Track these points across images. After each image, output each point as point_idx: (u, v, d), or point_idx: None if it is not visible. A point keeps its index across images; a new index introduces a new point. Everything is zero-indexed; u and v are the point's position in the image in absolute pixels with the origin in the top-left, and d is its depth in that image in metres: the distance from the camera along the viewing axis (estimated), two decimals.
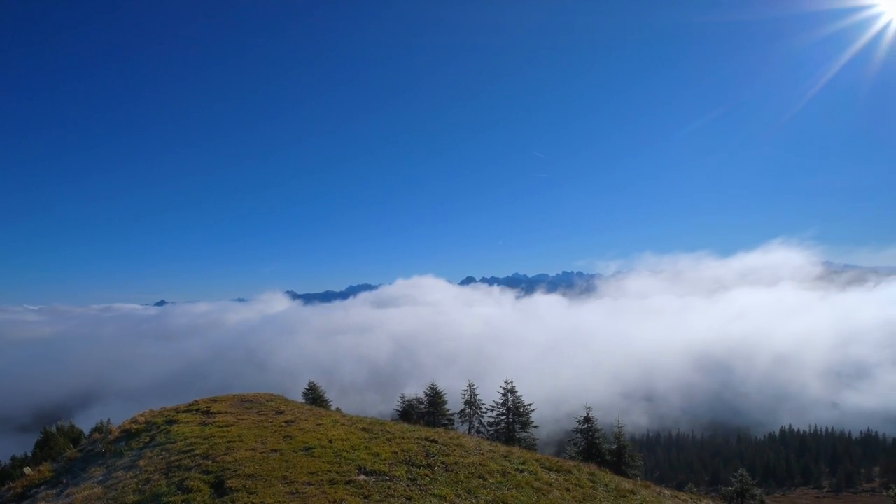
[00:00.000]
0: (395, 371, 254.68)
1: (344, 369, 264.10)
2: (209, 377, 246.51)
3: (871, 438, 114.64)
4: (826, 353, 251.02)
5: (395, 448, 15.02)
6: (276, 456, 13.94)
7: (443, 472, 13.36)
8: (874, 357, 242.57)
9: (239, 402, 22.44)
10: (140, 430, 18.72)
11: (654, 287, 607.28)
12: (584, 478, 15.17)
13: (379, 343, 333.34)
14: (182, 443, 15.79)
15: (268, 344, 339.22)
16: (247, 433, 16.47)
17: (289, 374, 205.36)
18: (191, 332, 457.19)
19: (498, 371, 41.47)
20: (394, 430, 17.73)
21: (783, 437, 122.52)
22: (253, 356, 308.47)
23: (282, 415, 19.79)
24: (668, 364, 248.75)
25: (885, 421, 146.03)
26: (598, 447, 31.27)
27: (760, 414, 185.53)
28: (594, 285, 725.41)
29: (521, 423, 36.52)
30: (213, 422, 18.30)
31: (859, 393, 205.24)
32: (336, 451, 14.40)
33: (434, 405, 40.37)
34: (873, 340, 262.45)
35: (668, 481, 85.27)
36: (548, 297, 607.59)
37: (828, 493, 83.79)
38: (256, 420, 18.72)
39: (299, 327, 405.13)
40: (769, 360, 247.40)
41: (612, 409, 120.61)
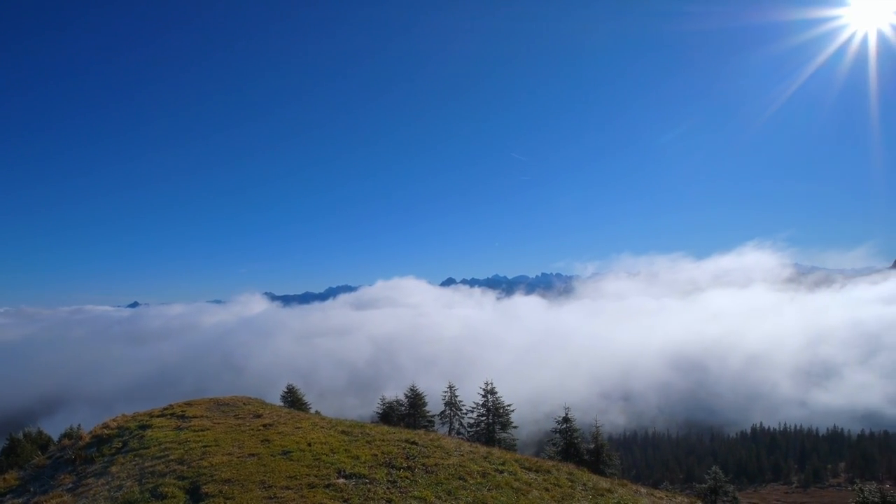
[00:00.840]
0: (375, 374, 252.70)
1: (323, 372, 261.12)
2: (182, 382, 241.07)
3: (837, 435, 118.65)
4: (796, 353, 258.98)
5: (375, 450, 14.97)
6: (253, 460, 13.75)
7: (423, 473, 13.36)
8: (841, 356, 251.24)
9: (215, 405, 22.04)
10: (112, 436, 18.23)
11: (630, 288, 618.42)
12: (562, 477, 15.34)
13: (359, 345, 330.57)
14: (156, 448, 15.45)
15: (244, 347, 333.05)
16: (223, 437, 16.20)
17: (266, 378, 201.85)
18: (165, 334, 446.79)
19: (478, 372, 41.63)
20: (374, 433, 17.66)
21: (754, 434, 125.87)
22: (229, 360, 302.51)
23: (259, 418, 19.52)
24: (645, 364, 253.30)
25: (851, 418, 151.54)
26: (576, 447, 31.60)
27: (733, 413, 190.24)
28: (572, 286, 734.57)
29: (501, 424, 36.68)
30: (188, 426, 17.95)
31: (827, 392, 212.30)
32: (315, 454, 14.28)
33: (414, 407, 40.25)
34: (840, 340, 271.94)
35: (645, 479, 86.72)
36: (527, 299, 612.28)
37: (796, 488, 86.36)
38: (233, 424, 18.42)
39: (277, 330, 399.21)
40: (742, 360, 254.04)
41: (590, 409, 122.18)
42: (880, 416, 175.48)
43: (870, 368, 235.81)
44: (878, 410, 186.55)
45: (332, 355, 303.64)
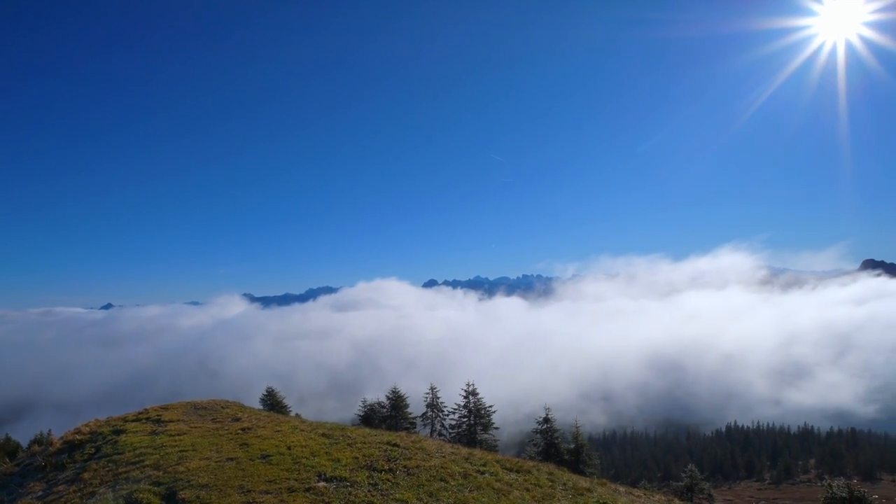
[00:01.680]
0: (357, 377, 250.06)
1: (302, 376, 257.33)
2: (156, 386, 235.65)
3: (807, 433, 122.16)
4: (770, 353, 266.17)
5: (357, 453, 14.88)
6: (231, 465, 13.54)
7: (404, 475, 13.33)
8: (813, 357, 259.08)
9: (192, 409, 21.63)
10: (84, 441, 17.74)
11: (610, 290, 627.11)
12: (543, 477, 15.47)
13: (339, 348, 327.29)
14: (131, 453, 15.09)
15: (221, 350, 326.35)
16: (201, 442, 15.91)
17: (244, 382, 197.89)
18: (139, 337, 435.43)
19: (460, 374, 41.69)
20: (355, 435, 17.55)
21: (729, 433, 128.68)
22: (205, 363, 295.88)
23: (238, 422, 19.22)
24: (624, 365, 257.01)
25: (822, 417, 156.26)
26: (556, 447, 31.89)
27: (710, 412, 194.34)
28: (553, 288, 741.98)
29: (483, 425, 36.79)
30: (164, 430, 17.57)
31: (800, 391, 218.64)
32: (295, 457, 14.12)
33: (396, 409, 40.10)
34: (812, 340, 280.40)
35: (624, 478, 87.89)
36: (509, 300, 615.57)
37: (769, 485, 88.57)
38: (211, 428, 18.10)
39: (255, 332, 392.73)
40: (718, 361, 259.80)
41: (571, 410, 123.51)
42: (850, 414, 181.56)
43: (840, 368, 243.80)
44: (848, 409, 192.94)
45: (312, 358, 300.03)
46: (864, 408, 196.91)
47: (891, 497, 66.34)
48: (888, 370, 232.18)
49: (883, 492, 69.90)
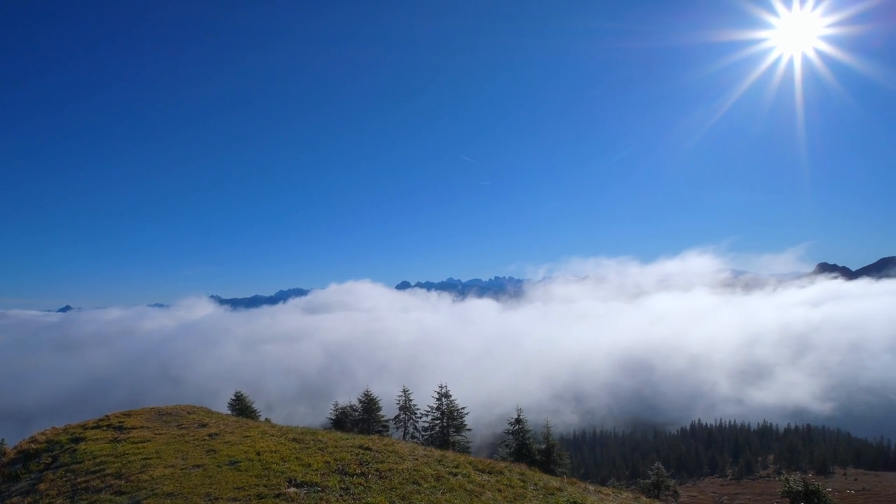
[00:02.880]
0: (328, 382, 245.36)
1: (271, 381, 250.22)
2: (114, 393, 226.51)
3: (766, 430, 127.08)
4: (733, 354, 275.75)
5: (328, 457, 14.71)
6: (198, 472, 13.19)
7: (377, 479, 13.26)
8: (773, 356, 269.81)
9: (157, 415, 20.95)
10: (40, 451, 16.95)
11: (580, 292, 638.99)
12: (514, 478, 15.63)
13: (310, 352, 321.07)
14: (90, 462, 14.51)
15: (186, 355, 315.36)
16: (165, 449, 15.44)
17: (209, 388, 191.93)
18: (98, 341, 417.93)
19: (433, 376, 41.74)
20: (326, 439, 17.34)
21: (693, 431, 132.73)
22: (168, 369, 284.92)
23: (205, 427, 18.73)
24: (595, 366, 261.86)
25: (782, 415, 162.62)
26: (528, 447, 32.26)
27: (676, 411, 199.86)
28: (524, 290, 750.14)
29: (456, 427, 36.88)
30: (126, 438, 16.96)
31: (761, 390, 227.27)
32: (264, 463, 13.86)
33: (368, 412, 39.80)
34: (772, 341, 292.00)
35: (593, 477, 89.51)
36: (481, 302, 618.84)
37: (731, 480, 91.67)
38: (177, 434, 17.57)
39: (222, 336, 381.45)
40: (685, 361, 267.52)
41: (542, 410, 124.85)
42: (808, 411, 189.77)
43: (798, 368, 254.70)
44: (806, 407, 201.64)
45: (281, 362, 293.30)
46: (820, 405, 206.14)
47: (843, 489, 69.62)
48: (843, 370, 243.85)
49: (836, 484, 73.25)
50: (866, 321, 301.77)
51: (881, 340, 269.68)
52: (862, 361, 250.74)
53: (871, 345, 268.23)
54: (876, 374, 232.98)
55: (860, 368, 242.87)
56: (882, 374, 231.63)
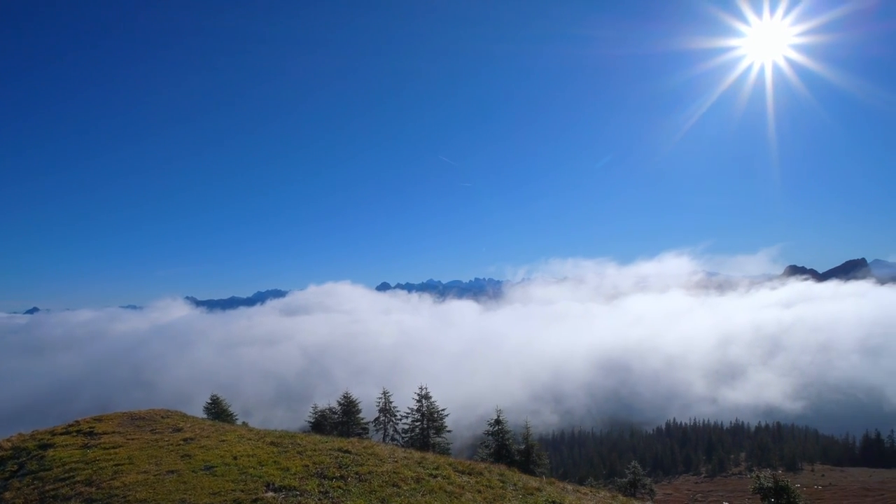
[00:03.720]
0: (306, 385, 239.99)
1: (248, 385, 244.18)
2: (82, 398, 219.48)
3: (738, 428, 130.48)
4: (707, 354, 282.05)
5: (307, 461, 14.57)
6: (172, 477, 12.91)
7: (356, 482, 13.20)
8: (746, 357, 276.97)
9: (129, 420, 20.41)
10: (6, 458, 16.33)
11: (559, 293, 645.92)
12: (494, 478, 15.73)
13: (288, 355, 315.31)
14: (59, 469, 14.05)
15: (158, 359, 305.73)
16: (138, 454, 15.06)
17: (182, 393, 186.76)
18: (66, 344, 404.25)
19: (414, 378, 41.69)
20: (305, 443, 17.17)
21: (668, 430, 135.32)
22: (139, 373, 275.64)
23: (180, 432, 18.33)
24: (574, 366, 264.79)
25: (754, 413, 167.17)
26: (507, 448, 32.46)
27: (653, 410, 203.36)
28: (504, 291, 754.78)
29: (436, 429, 36.90)
30: (97, 444, 16.47)
31: (734, 390, 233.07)
32: (241, 468, 13.65)
33: (348, 414, 39.53)
34: (746, 342, 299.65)
35: (572, 476, 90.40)
36: (462, 304, 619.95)
37: (705, 478, 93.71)
38: (150, 439, 17.16)
39: (197, 339, 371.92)
40: (661, 361, 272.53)
41: (522, 411, 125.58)
42: (779, 410, 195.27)
43: (770, 368, 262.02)
44: (777, 406, 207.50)
45: (258, 366, 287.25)
46: (792, 404, 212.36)
47: (811, 485, 71.78)
48: (813, 369, 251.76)
49: (804, 480, 75.51)
50: (835, 322, 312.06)
51: (849, 341, 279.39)
52: (831, 361, 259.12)
53: (839, 345, 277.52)
54: (844, 374, 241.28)
55: (829, 368, 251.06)
56: (849, 374, 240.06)
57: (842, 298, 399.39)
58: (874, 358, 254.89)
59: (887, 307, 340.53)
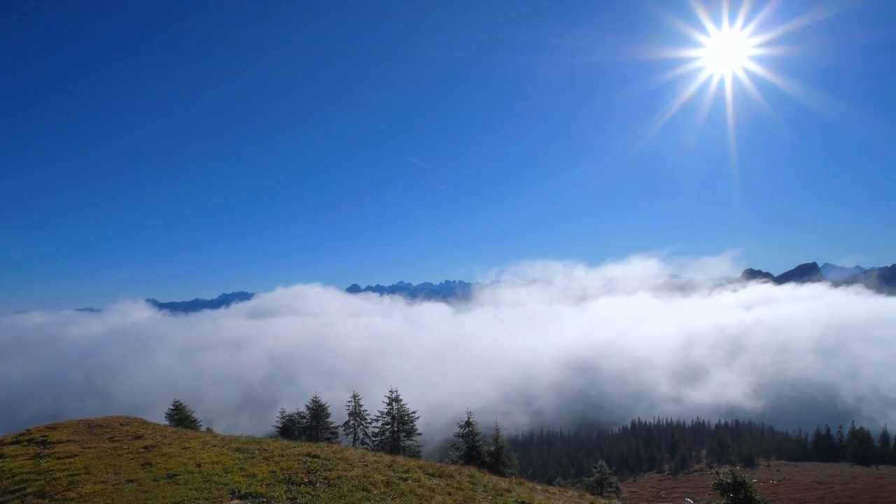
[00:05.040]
0: (273, 391, 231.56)
1: (211, 393, 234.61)
2: (29, 407, 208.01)
3: (700, 426, 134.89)
4: (672, 355, 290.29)
5: (274, 467, 14.31)
6: (132, 487, 12.45)
7: (325, 487, 13.04)
8: (709, 358, 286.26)
9: (86, 428, 19.56)
10: None
11: (528, 295, 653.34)
12: (464, 480, 15.82)
13: (254, 360, 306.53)
14: (9, 481, 13.34)
15: (115, 365, 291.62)
16: (95, 463, 14.45)
17: (140, 401, 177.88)
18: (16, 349, 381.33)
19: (384, 382, 41.36)
20: (272, 448, 16.84)
21: (634, 429, 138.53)
22: (94, 381, 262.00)
23: (140, 440, 17.69)
24: (544, 368, 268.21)
25: (716, 412, 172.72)
26: (478, 450, 32.63)
27: (620, 410, 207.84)
28: (474, 293, 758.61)
29: (406, 432, 36.76)
30: (51, 453, 15.72)
31: (697, 390, 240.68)
32: (205, 475, 13.29)
33: (317, 419, 38.93)
34: (708, 343, 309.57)
35: (541, 477, 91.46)
36: (433, 306, 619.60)
37: (668, 475, 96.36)
38: (108, 447, 16.49)
39: (157, 344, 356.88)
40: (628, 362, 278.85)
41: (493, 413, 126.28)
42: (740, 409, 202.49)
43: (731, 368, 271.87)
44: (738, 405, 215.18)
45: (222, 372, 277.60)
46: (752, 403, 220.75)
47: (766, 479, 74.82)
48: (772, 369, 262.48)
49: (760, 475, 78.63)
50: (792, 324, 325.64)
51: (805, 342, 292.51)
52: (788, 361, 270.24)
53: (796, 346, 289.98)
54: (800, 373, 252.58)
55: (787, 368, 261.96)
56: (806, 373, 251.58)
57: (798, 301, 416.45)
58: (828, 358, 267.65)
59: (840, 309, 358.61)
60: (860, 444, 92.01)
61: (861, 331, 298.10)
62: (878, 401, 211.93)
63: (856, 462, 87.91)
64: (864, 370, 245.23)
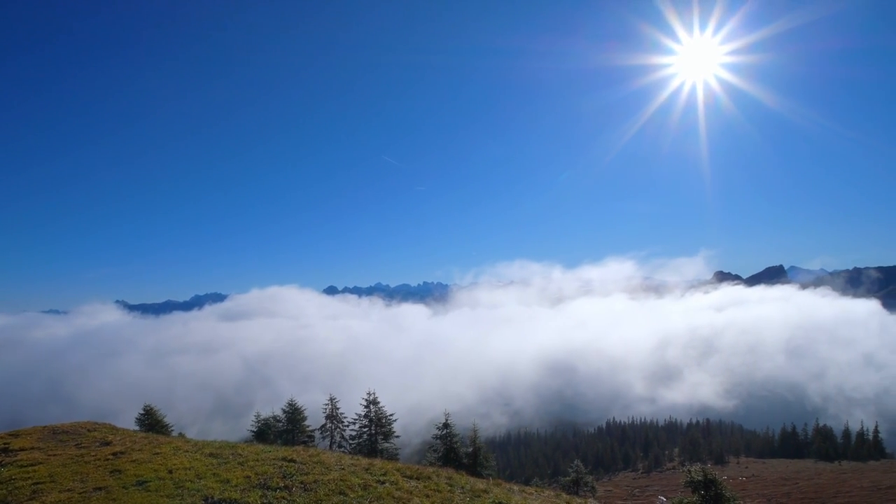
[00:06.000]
0: (247, 397, 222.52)
1: (182, 399, 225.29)
2: None
3: (672, 425, 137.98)
4: (647, 356, 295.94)
5: (248, 472, 14.08)
6: (99, 495, 12.10)
7: (301, 492, 12.90)
8: (682, 358, 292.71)
9: (51, 434, 18.89)
10: None
11: (505, 297, 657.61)
12: (442, 482, 15.84)
13: (228, 364, 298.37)
14: None
15: (81, 371, 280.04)
16: (61, 471, 13.97)
17: (107, 409, 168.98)
18: None
19: (362, 385, 41.02)
20: (246, 453, 16.57)
21: (609, 428, 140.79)
22: (58, 387, 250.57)
23: (109, 446, 17.18)
24: (521, 368, 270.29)
25: (689, 412, 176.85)
26: (456, 451, 32.67)
27: (596, 411, 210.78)
28: (452, 295, 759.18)
29: (384, 434, 36.57)
30: (13, 461, 15.13)
31: (671, 390, 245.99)
32: (177, 481, 12.99)
33: (293, 422, 38.41)
34: (682, 344, 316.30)
35: (518, 477, 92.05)
36: (411, 308, 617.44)
37: (642, 474, 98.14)
38: (75, 454, 15.95)
39: (126, 347, 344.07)
40: (604, 364, 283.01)
41: (472, 414, 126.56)
42: (712, 408, 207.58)
43: (704, 369, 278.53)
44: (710, 404, 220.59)
45: (194, 377, 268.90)
46: (724, 402, 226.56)
47: (736, 476, 76.94)
48: (743, 369, 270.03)
49: (730, 472, 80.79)
50: (762, 325, 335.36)
51: (774, 343, 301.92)
52: (758, 362, 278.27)
53: (766, 346, 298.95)
54: (770, 373, 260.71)
55: (757, 368, 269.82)
56: (775, 373, 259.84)
57: (768, 302, 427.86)
58: (797, 359, 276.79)
59: (808, 311, 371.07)
60: (824, 440, 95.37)
61: (827, 332, 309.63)
62: (844, 400, 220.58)
63: (820, 458, 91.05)
64: (830, 370, 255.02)
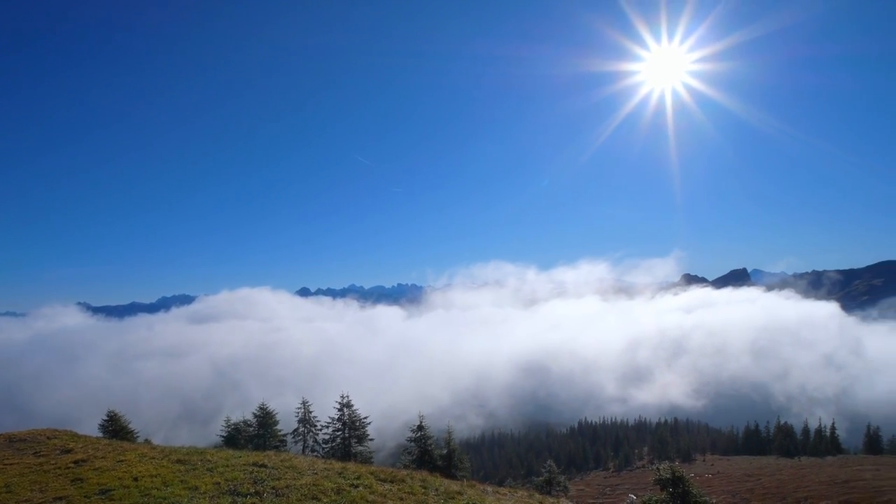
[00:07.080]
0: (216, 402, 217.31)
1: (147, 406, 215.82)
2: None
3: (642, 424, 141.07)
4: (618, 357, 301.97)
5: (218, 478, 13.78)
6: None
7: (273, 497, 12.70)
8: (653, 359, 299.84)
9: (7, 443, 18.07)
10: None
11: (480, 299, 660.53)
12: (416, 485, 15.83)
13: (195, 369, 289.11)
14: None
15: (38, 377, 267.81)
16: (18, 481, 13.40)
17: (67, 417, 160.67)
18: None
19: (335, 388, 40.53)
20: (216, 459, 16.20)
21: (581, 428, 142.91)
22: (12, 395, 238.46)
23: (70, 454, 16.54)
24: (496, 370, 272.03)
25: (659, 412, 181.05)
26: (430, 454, 32.62)
27: (569, 412, 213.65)
28: (426, 297, 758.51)
29: (358, 437, 36.22)
30: None
31: (641, 390, 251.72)
32: (143, 489, 12.62)
33: (264, 426, 37.65)
34: (652, 345, 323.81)
35: (492, 478, 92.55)
36: (385, 310, 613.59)
37: (613, 473, 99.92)
38: (33, 463, 15.31)
39: (87, 352, 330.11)
40: (577, 365, 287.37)
41: (447, 416, 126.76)
42: (681, 408, 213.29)
43: (673, 369, 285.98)
44: (679, 404, 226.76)
45: (160, 382, 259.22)
46: (693, 402, 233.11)
47: (702, 473, 79.16)
48: (711, 370, 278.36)
49: (697, 469, 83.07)
50: (729, 326, 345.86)
51: (740, 344, 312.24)
52: (725, 363, 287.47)
53: (732, 347, 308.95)
54: (736, 373, 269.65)
55: (724, 369, 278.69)
56: (741, 373, 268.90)
57: (735, 304, 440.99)
58: (762, 359, 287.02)
59: (772, 313, 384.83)
60: (784, 437, 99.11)
61: (791, 334, 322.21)
62: (806, 399, 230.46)
63: (781, 454, 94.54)
64: (793, 371, 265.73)
